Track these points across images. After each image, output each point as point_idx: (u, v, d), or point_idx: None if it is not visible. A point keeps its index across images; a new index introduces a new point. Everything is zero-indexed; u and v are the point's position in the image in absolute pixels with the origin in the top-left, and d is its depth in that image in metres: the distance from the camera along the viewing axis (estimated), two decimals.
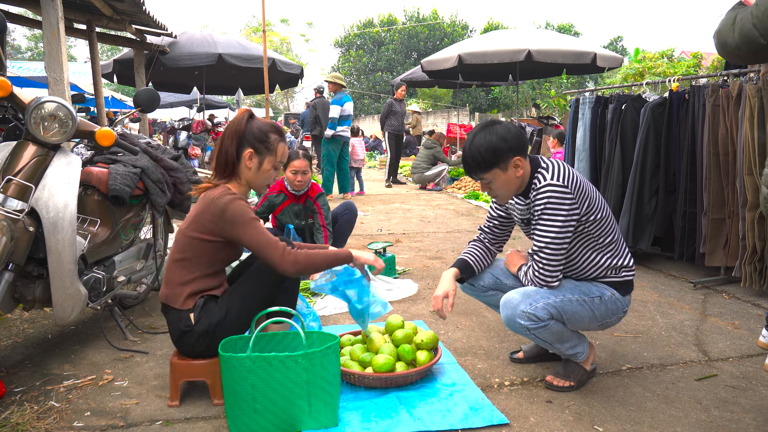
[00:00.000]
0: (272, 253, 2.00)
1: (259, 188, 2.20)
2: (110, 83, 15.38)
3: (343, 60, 34.05)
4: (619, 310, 2.19)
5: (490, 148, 2.05)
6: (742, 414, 2.03)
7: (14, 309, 2.34)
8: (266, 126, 2.15)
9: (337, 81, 8.22)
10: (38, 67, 12.65)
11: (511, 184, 2.12)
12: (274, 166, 2.17)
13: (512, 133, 2.08)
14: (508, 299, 2.10)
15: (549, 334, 2.07)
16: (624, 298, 2.20)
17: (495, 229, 2.43)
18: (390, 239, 5.18)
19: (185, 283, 2.06)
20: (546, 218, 2.04)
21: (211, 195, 2.04)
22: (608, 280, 2.19)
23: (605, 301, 2.15)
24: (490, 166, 2.07)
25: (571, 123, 4.83)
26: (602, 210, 2.14)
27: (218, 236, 2.03)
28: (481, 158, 2.07)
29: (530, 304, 2.04)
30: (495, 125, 2.10)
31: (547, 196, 2.03)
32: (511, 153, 2.06)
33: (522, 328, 2.05)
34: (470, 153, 2.09)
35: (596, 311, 2.13)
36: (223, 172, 2.12)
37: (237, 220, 1.99)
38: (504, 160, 2.06)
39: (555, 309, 2.05)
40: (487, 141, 2.06)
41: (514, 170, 2.09)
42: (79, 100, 3.61)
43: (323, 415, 1.88)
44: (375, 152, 18.26)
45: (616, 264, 2.17)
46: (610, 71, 10.25)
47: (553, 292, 2.09)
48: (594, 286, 2.17)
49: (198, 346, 2.05)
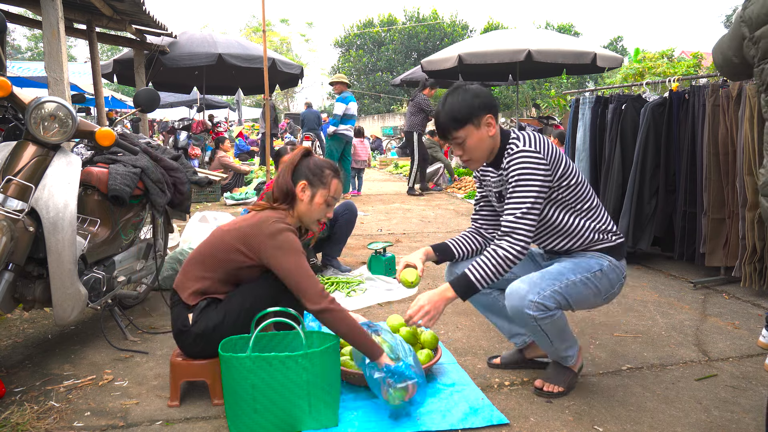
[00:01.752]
0: (312, 288, 1.93)
1: (309, 222, 2.21)
2: (110, 83, 15.38)
3: (343, 60, 34.04)
4: (619, 278, 2.16)
5: (465, 104, 2.05)
6: (742, 414, 2.03)
7: (14, 309, 2.34)
8: (323, 162, 2.22)
9: (342, 81, 8.25)
10: (38, 67, 12.66)
11: (483, 142, 2.10)
12: (327, 201, 2.19)
13: (484, 92, 2.09)
14: (514, 289, 2.01)
15: (554, 327, 2.02)
16: (620, 263, 2.17)
17: (482, 211, 2.38)
18: (390, 239, 5.18)
19: (197, 279, 2.07)
20: (521, 186, 2.01)
21: (269, 215, 2.06)
22: (601, 246, 2.15)
23: (606, 272, 2.11)
24: (464, 123, 2.06)
25: (571, 123, 4.83)
26: (577, 176, 2.12)
27: (255, 256, 2.03)
28: (454, 114, 2.06)
29: (538, 293, 1.97)
30: (465, 86, 2.11)
31: (519, 163, 2.01)
32: (484, 109, 2.06)
33: (530, 318, 1.98)
34: (444, 111, 2.09)
35: (600, 286, 2.09)
36: (284, 200, 2.16)
37: (285, 247, 1.99)
38: (477, 115, 2.06)
39: (561, 296, 2.00)
40: (461, 98, 2.06)
41: (486, 128, 2.08)
42: (79, 100, 3.60)
43: (323, 415, 1.88)
44: (375, 152, 18.26)
45: (602, 227, 2.15)
46: (610, 71, 10.25)
47: (557, 277, 2.03)
48: (591, 259, 2.13)
49: (195, 346, 2.05)
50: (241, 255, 2.04)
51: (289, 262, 1.97)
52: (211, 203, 7.79)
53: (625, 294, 3.50)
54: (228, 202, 7.74)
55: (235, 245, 2.04)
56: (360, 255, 4.61)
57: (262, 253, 2.01)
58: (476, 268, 2.02)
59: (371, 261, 3.93)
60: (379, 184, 10.84)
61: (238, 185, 8.83)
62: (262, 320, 1.94)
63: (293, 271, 1.96)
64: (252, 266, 2.06)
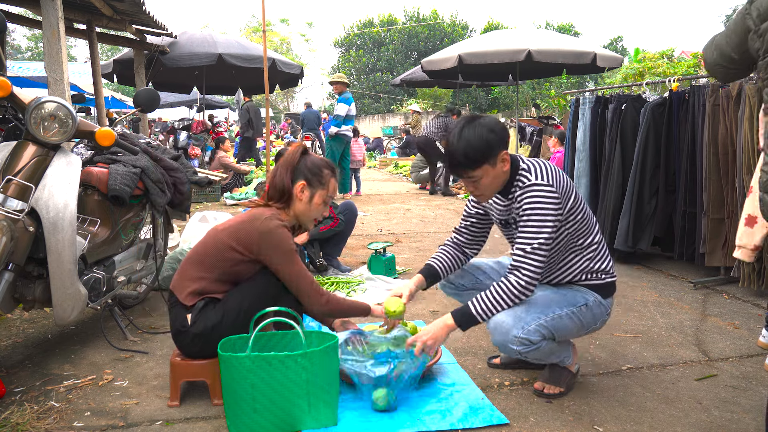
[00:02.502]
0: (307, 287, 2.03)
1: (306, 221, 2.22)
2: (110, 83, 15.38)
3: (343, 60, 34.04)
4: (603, 314, 2.14)
5: (481, 142, 1.94)
6: (742, 414, 2.03)
7: (14, 309, 2.35)
8: (320, 161, 2.21)
9: (341, 80, 8.26)
10: (38, 67, 12.65)
11: (498, 179, 2.03)
12: (325, 201, 2.20)
13: (499, 126, 2.00)
14: (498, 323, 1.98)
15: (540, 353, 2.02)
16: (606, 301, 2.14)
17: (472, 228, 2.32)
18: (390, 239, 5.18)
19: (194, 279, 2.07)
20: (534, 221, 1.95)
21: (262, 213, 2.08)
22: (588, 283, 2.13)
23: (591, 307, 2.09)
24: (480, 163, 1.97)
25: (571, 123, 4.83)
26: (583, 209, 2.08)
27: (250, 253, 2.04)
28: (470, 154, 1.95)
29: (522, 328, 1.94)
30: (480, 118, 2.01)
31: (533, 197, 1.95)
32: (499, 146, 1.97)
33: (514, 353, 1.98)
34: (459, 148, 1.97)
35: (584, 320, 2.08)
36: (279, 199, 2.16)
37: (279, 246, 2.02)
38: (495, 153, 1.97)
39: (546, 329, 1.98)
40: (478, 134, 1.95)
41: (501, 164, 2.00)
42: (79, 100, 3.60)
43: (323, 414, 1.88)
44: (375, 152, 18.26)
45: (595, 267, 2.11)
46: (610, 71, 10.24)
47: (543, 311, 2.00)
48: (578, 293, 2.10)
49: (193, 347, 2.05)
50: (236, 252, 2.05)
51: (283, 262, 2.02)
52: (211, 203, 7.79)
53: (625, 294, 3.51)
54: (228, 202, 7.75)
55: (230, 243, 2.05)
56: (360, 255, 4.61)
57: (257, 250, 2.03)
58: (480, 302, 2.00)
59: (371, 261, 3.93)
60: (379, 184, 10.84)
61: (238, 185, 8.84)
62: (261, 320, 1.94)
63: (289, 272, 2.02)
64: (248, 262, 2.06)
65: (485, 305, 1.99)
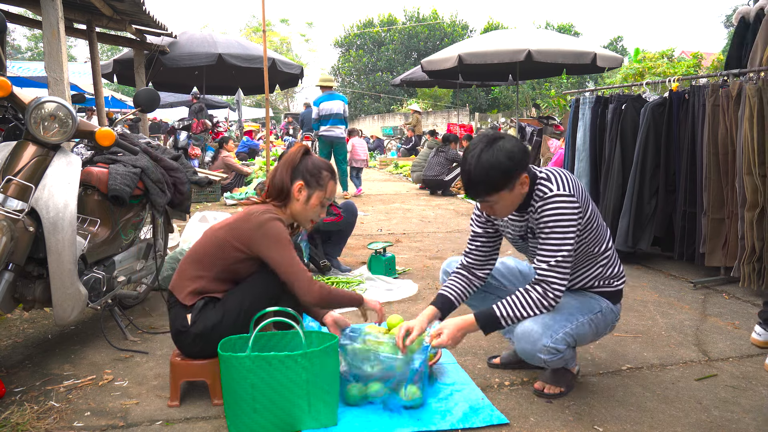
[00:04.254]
0: (300, 278, 2.02)
1: (303, 222, 2.23)
2: (110, 83, 15.38)
3: (343, 60, 34.04)
4: (613, 321, 2.17)
5: (501, 169, 1.86)
6: (742, 414, 2.03)
7: (14, 309, 2.35)
8: (320, 163, 2.22)
9: (321, 84, 8.35)
10: (38, 67, 12.66)
11: (515, 201, 1.97)
12: (322, 203, 2.21)
13: (519, 148, 1.90)
14: (527, 331, 1.95)
15: (561, 362, 2.03)
16: (616, 307, 2.16)
17: (482, 248, 2.21)
18: (390, 239, 5.18)
19: (193, 279, 2.07)
20: (558, 233, 1.91)
21: (256, 209, 2.09)
22: (601, 290, 2.13)
23: (605, 314, 2.11)
24: (499, 188, 1.90)
25: (571, 123, 4.82)
26: (597, 216, 2.07)
27: (246, 248, 2.04)
28: (489, 180, 1.88)
29: (551, 336, 1.94)
30: (499, 141, 1.90)
31: (556, 209, 1.90)
32: (519, 171, 1.90)
33: (541, 361, 1.98)
34: (477, 176, 1.88)
35: (599, 327, 2.10)
36: (277, 197, 2.17)
37: (272, 237, 2.02)
38: (514, 180, 1.90)
39: (571, 337, 1.99)
40: (496, 160, 1.86)
41: (519, 188, 1.94)
42: (79, 100, 3.60)
43: (323, 414, 1.88)
44: (375, 152, 18.25)
45: (608, 274, 2.12)
46: (610, 71, 10.26)
47: (568, 318, 2.00)
48: (593, 300, 2.11)
49: (194, 347, 2.05)
50: (234, 249, 2.05)
51: (277, 253, 2.01)
52: (211, 203, 7.79)
53: (626, 294, 3.49)
54: (228, 202, 7.74)
55: (227, 240, 2.06)
56: (360, 255, 4.61)
57: (252, 245, 2.03)
58: (505, 306, 1.98)
59: (371, 261, 3.93)
60: (379, 184, 10.84)
61: (239, 185, 8.84)
62: (261, 320, 1.94)
63: (282, 263, 2.02)
64: (246, 259, 2.06)
65: (511, 311, 1.97)
